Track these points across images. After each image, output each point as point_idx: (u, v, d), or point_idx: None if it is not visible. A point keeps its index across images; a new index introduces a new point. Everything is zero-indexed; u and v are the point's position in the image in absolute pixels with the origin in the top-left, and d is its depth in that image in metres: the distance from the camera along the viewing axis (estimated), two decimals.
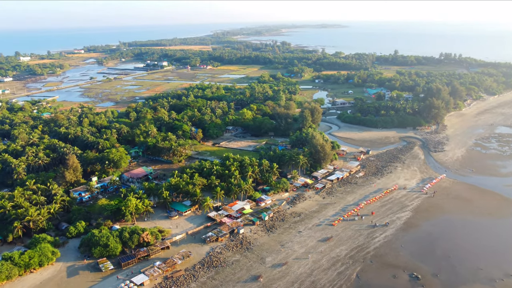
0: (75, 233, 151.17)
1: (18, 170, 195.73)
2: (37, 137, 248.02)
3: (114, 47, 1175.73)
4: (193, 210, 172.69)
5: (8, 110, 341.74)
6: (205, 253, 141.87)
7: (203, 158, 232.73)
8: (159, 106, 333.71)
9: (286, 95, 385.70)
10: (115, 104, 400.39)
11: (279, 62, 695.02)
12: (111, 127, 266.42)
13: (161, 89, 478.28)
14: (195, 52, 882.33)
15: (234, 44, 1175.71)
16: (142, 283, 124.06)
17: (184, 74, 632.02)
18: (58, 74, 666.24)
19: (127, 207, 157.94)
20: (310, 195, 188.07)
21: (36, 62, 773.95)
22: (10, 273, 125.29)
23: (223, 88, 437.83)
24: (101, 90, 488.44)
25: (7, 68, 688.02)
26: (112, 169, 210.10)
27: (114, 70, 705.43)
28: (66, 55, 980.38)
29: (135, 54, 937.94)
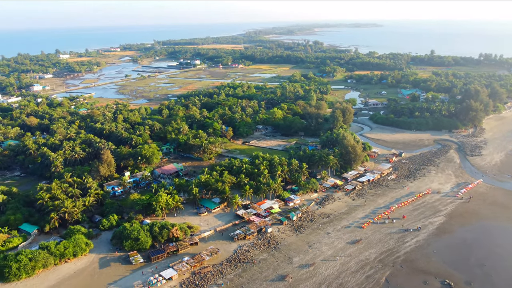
0: (108, 225, 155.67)
1: (55, 164, 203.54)
2: (74, 132, 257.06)
3: (148, 45, 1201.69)
4: (222, 207, 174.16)
5: (48, 105, 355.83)
6: (233, 250, 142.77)
7: (232, 156, 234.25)
8: (191, 104, 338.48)
9: (317, 95, 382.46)
10: (148, 102, 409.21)
11: (311, 62, 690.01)
12: (144, 124, 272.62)
13: (193, 87, 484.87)
14: (227, 51, 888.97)
15: (266, 43, 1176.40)
16: (170, 277, 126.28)
17: (216, 72, 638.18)
18: (95, 71, 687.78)
19: (158, 202, 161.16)
20: (339, 197, 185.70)
21: (75, 60, 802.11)
22: (46, 261, 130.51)
23: (254, 87, 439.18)
24: (135, 88, 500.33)
25: (47, 65, 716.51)
26: (144, 164, 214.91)
27: (148, 68, 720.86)
28: (103, 53, 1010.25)
29: (168, 53, 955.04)
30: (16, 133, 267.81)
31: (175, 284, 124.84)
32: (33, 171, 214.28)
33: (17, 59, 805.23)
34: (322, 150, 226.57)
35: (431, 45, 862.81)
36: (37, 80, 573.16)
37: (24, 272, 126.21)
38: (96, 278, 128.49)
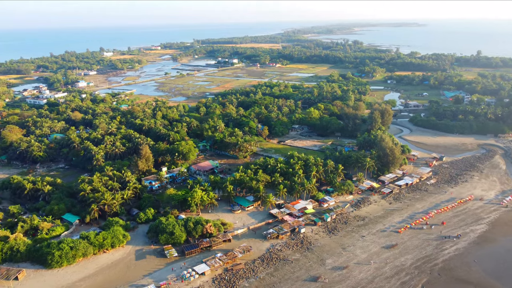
0: (145, 219, 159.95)
1: (97, 157, 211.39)
2: (115, 127, 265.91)
3: (188, 44, 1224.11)
4: (256, 205, 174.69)
5: (91, 101, 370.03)
6: (265, 249, 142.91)
7: (267, 155, 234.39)
8: (228, 102, 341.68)
9: (356, 95, 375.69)
10: (186, 99, 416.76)
11: (349, 62, 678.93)
12: (182, 121, 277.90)
13: (230, 85, 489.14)
14: (265, 50, 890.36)
15: (304, 42, 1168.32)
16: (203, 273, 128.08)
17: (253, 71, 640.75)
18: (136, 69, 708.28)
19: (193, 198, 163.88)
20: (375, 200, 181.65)
21: (118, 58, 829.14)
22: (86, 251, 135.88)
23: (291, 86, 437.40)
24: (174, 85, 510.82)
25: (92, 62, 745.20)
26: (181, 161, 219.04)
27: (187, 66, 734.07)
28: (144, 51, 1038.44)
29: (207, 51, 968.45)
30: (61, 127, 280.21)
31: (208, 279, 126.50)
32: (76, 164, 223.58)
33: (64, 56, 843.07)
34: (359, 151, 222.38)
35: (477, 46, 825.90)
36: (82, 76, 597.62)
37: (65, 260, 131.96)
38: (132, 269, 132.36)
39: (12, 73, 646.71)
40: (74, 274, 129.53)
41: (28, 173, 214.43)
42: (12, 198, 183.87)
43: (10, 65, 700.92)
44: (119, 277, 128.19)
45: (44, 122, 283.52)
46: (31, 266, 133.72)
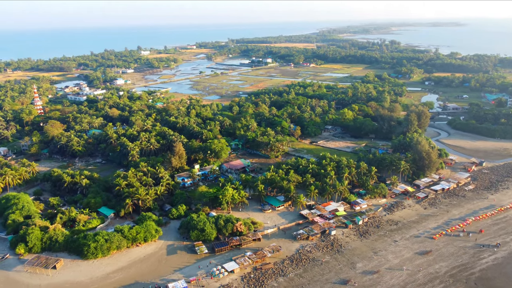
0: (176, 215, 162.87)
1: (132, 153, 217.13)
2: (150, 124, 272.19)
3: (223, 43, 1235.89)
4: (286, 206, 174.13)
5: (128, 98, 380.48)
6: (295, 250, 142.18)
7: (299, 155, 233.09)
8: (261, 102, 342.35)
9: (391, 96, 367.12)
10: (220, 98, 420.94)
11: (386, 62, 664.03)
12: (215, 119, 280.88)
13: (263, 85, 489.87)
14: (299, 50, 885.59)
15: (339, 42, 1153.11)
16: (232, 270, 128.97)
17: (287, 71, 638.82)
18: (172, 67, 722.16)
19: (224, 196, 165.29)
20: (409, 204, 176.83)
21: (154, 56, 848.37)
22: (120, 244, 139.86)
23: (324, 86, 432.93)
24: (208, 84, 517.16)
25: (130, 61, 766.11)
26: (213, 159, 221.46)
27: (222, 65, 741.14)
28: (180, 50, 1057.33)
29: (241, 51, 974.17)
30: (99, 123, 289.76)
31: (237, 277, 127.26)
32: (113, 159, 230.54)
33: (104, 54, 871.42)
34: (393, 154, 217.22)
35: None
36: (120, 74, 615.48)
37: (100, 251, 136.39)
38: (163, 263, 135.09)
39: (55, 70, 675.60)
40: (108, 266, 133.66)
41: (67, 166, 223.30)
42: (52, 190, 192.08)
43: (53, 62, 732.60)
44: (150, 270, 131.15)
45: (83, 118, 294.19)
46: (68, 256, 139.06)
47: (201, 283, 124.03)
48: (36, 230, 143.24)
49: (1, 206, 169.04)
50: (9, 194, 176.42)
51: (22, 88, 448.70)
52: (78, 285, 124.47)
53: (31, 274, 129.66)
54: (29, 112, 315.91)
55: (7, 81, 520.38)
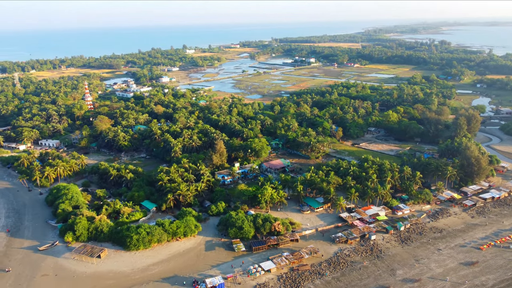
0: (216, 212, 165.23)
1: (175, 149, 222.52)
2: (193, 121, 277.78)
3: (266, 42, 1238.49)
4: (325, 208, 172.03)
5: (173, 96, 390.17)
6: (333, 252, 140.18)
7: (340, 157, 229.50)
8: (302, 102, 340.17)
9: (439, 99, 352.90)
10: (261, 97, 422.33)
11: (434, 63, 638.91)
12: (256, 118, 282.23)
13: (306, 85, 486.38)
14: (343, 50, 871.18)
15: (386, 42, 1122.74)
16: (269, 270, 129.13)
17: (330, 71, 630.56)
18: (215, 66, 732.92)
19: (263, 195, 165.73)
20: (455, 212, 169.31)
21: (199, 55, 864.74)
22: (160, 237, 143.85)
23: (368, 87, 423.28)
24: (250, 83, 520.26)
25: (175, 59, 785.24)
26: (253, 157, 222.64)
27: (264, 64, 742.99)
28: (224, 49, 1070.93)
29: (284, 50, 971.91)
30: (145, 119, 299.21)
31: (273, 276, 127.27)
32: (156, 154, 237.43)
33: (151, 53, 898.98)
34: (440, 159, 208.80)
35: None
36: (166, 72, 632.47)
37: (142, 244, 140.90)
38: (201, 259, 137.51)
39: (105, 67, 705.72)
40: (148, 258, 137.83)
41: (113, 160, 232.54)
42: (99, 182, 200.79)
43: (103, 60, 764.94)
44: (189, 265, 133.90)
45: (130, 114, 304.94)
46: (112, 246, 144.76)
47: (237, 280, 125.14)
48: (84, 220, 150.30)
49: (52, 196, 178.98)
50: (60, 185, 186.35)
51: (74, 84, 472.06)
52: (120, 274, 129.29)
53: (78, 261, 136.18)
54: (80, 107, 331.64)
55: (61, 77, 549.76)
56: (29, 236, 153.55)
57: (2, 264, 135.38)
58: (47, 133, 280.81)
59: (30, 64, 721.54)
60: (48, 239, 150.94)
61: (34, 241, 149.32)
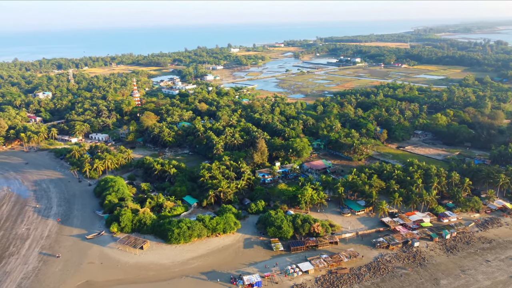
0: (255, 210, 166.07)
1: (217, 147, 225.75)
2: (235, 119, 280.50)
3: (311, 42, 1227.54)
4: (367, 211, 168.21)
5: (216, 94, 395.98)
6: (373, 257, 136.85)
7: (384, 160, 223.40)
8: (346, 102, 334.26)
9: (493, 102, 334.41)
10: (304, 97, 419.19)
11: (489, 64, 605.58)
12: (299, 118, 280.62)
13: (350, 85, 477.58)
14: (390, 49, 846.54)
15: (436, 42, 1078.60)
16: (307, 271, 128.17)
17: (376, 71, 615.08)
18: (259, 65, 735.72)
19: (303, 195, 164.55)
20: (507, 222, 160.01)
21: (243, 54, 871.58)
22: (200, 232, 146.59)
23: (416, 89, 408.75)
24: (294, 82, 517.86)
25: (220, 57, 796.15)
26: (294, 157, 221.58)
27: (308, 64, 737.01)
28: (268, 48, 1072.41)
29: (329, 49, 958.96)
30: (189, 116, 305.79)
31: (311, 278, 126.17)
32: (199, 151, 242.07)
33: (196, 51, 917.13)
34: (492, 166, 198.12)
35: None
36: (210, 70, 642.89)
37: (182, 238, 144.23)
38: (239, 256, 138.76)
39: (152, 65, 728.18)
40: (188, 252, 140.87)
41: (158, 155, 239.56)
42: (144, 176, 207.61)
43: (151, 58, 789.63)
44: (227, 261, 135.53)
45: (175, 110, 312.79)
46: (154, 239, 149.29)
47: (274, 279, 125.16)
48: (128, 212, 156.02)
49: (100, 187, 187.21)
50: (108, 177, 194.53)
51: (123, 81, 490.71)
52: (161, 267, 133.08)
53: (122, 251, 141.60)
54: (128, 103, 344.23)
55: (111, 74, 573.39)
56: (77, 225, 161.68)
57: (53, 250, 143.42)
58: (97, 127, 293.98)
59: (84, 61, 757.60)
60: (95, 228, 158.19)
61: (82, 230, 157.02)
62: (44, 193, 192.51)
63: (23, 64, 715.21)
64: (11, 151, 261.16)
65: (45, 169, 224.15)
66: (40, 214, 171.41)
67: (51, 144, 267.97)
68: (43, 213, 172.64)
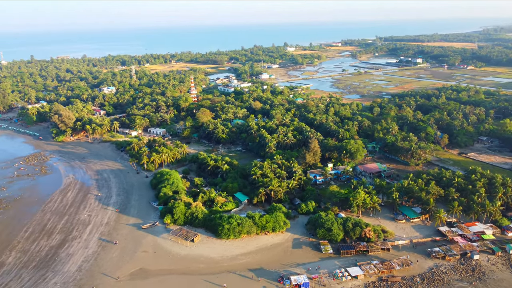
0: (305, 210, 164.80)
1: (270, 145, 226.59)
2: (289, 119, 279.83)
3: (369, 41, 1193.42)
4: (422, 219, 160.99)
5: (271, 92, 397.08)
6: (428, 268, 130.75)
7: (444, 166, 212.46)
8: (405, 104, 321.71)
9: None
10: (360, 97, 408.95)
11: None
12: (353, 119, 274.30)
13: (410, 86, 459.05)
14: (455, 50, 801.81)
15: (508, 42, 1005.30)
16: (356, 276, 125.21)
17: (438, 73, 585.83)
18: (315, 64, 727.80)
19: (355, 199, 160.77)
20: None
21: (299, 53, 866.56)
22: (250, 229, 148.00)
23: (483, 92, 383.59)
24: (350, 83, 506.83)
25: (275, 56, 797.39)
26: (347, 159, 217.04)
27: (366, 64, 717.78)
28: (325, 47, 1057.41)
29: (389, 49, 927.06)
30: (243, 114, 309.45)
31: (360, 284, 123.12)
32: (251, 149, 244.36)
33: (253, 50, 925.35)
34: None
35: None
36: (266, 69, 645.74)
37: (232, 233, 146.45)
38: (288, 255, 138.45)
39: (209, 63, 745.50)
40: (237, 248, 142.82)
41: (212, 151, 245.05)
42: (197, 171, 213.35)
43: (208, 56, 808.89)
44: (275, 260, 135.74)
45: (229, 108, 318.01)
46: (205, 232, 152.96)
47: (322, 282, 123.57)
48: (181, 205, 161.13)
49: (156, 180, 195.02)
50: (163, 170, 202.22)
51: (181, 78, 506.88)
52: (211, 260, 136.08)
53: (174, 242, 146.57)
54: (185, 99, 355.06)
55: (170, 71, 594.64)
56: (134, 214, 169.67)
57: (111, 237, 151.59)
58: (156, 122, 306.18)
59: (145, 58, 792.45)
60: (150, 218, 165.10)
61: (138, 219, 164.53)
62: (105, 183, 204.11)
63: (91, 60, 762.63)
64: (77, 142, 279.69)
65: (106, 160, 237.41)
66: (100, 202, 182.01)
67: (113, 137, 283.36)
68: (104, 201, 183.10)
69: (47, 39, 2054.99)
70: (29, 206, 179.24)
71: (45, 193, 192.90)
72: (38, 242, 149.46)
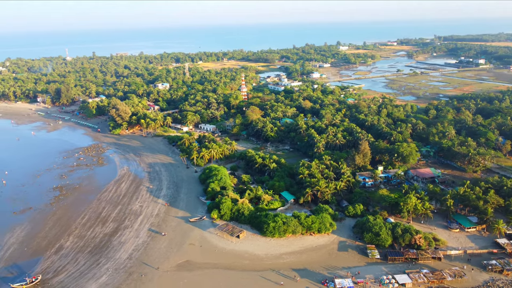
0: (352, 213, 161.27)
1: (318, 145, 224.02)
2: (339, 119, 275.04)
3: (427, 40, 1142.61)
4: (479, 229, 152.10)
5: (321, 92, 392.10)
6: (483, 281, 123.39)
7: (505, 174, 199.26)
8: (464, 108, 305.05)
9: None
10: (416, 99, 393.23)
11: None
12: (407, 121, 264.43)
13: (470, 88, 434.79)
14: None
15: None
16: (404, 284, 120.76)
17: (503, 74, 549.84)
18: (368, 64, 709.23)
19: (406, 204, 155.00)
20: None
21: (352, 52, 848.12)
22: (295, 229, 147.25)
23: None
24: (405, 83, 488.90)
25: (327, 55, 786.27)
26: (399, 163, 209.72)
27: (422, 64, 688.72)
28: (380, 46, 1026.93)
29: (448, 49, 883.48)
30: (292, 112, 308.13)
31: None
32: (299, 148, 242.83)
33: (304, 48, 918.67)
34: None
35: None
36: (317, 68, 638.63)
37: (277, 232, 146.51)
38: (333, 258, 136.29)
39: (260, 61, 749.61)
40: (282, 247, 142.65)
41: (260, 149, 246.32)
42: (245, 168, 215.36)
43: (260, 54, 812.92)
44: (320, 261, 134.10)
45: (279, 106, 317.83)
46: (250, 229, 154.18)
47: (368, 287, 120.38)
48: (228, 201, 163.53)
49: (205, 175, 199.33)
50: (212, 166, 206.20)
51: (232, 76, 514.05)
52: (255, 257, 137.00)
53: (219, 237, 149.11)
54: (235, 97, 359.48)
55: (222, 69, 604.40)
56: (183, 207, 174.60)
57: (161, 228, 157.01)
58: (206, 118, 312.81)
59: (199, 56, 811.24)
60: (197, 212, 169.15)
61: (186, 213, 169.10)
62: (156, 175, 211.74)
63: (147, 57, 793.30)
64: (132, 135, 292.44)
65: (158, 154, 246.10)
66: (152, 194, 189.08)
67: (165, 131, 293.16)
68: (154, 193, 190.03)
69: (106, 37, 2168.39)
70: (86, 195, 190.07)
71: (101, 183, 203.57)
72: (94, 229, 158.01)
